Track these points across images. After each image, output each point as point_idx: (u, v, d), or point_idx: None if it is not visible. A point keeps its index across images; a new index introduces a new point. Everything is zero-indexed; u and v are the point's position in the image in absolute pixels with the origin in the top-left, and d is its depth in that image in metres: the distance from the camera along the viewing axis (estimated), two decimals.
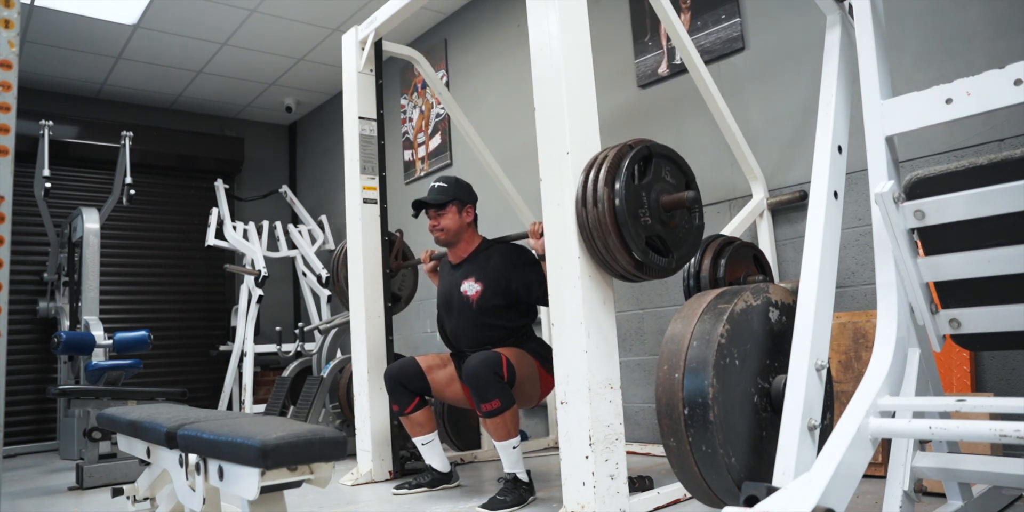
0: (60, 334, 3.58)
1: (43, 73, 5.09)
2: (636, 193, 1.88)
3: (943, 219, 1.42)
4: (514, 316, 2.56)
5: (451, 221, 2.60)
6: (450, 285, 2.66)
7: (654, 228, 1.92)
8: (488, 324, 2.53)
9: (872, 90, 1.58)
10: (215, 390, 5.48)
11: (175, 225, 5.85)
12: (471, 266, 2.62)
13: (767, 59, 2.92)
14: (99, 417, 1.99)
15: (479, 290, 2.54)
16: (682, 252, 2.01)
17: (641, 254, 1.86)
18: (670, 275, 2.02)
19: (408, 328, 4.79)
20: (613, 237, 1.84)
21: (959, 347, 1.75)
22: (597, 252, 1.90)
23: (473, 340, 2.57)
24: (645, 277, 1.96)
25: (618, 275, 1.96)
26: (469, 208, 2.65)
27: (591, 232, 1.87)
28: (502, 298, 2.52)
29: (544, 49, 2.06)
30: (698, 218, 2.07)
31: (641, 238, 1.87)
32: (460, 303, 2.59)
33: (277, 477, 1.20)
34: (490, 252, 2.62)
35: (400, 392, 2.54)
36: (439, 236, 2.63)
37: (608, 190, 1.84)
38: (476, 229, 2.71)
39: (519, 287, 2.50)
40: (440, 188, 2.62)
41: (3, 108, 1.23)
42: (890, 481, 1.44)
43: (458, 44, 4.57)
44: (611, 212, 1.84)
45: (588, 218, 1.87)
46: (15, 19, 1.25)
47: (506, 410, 2.27)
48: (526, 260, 2.56)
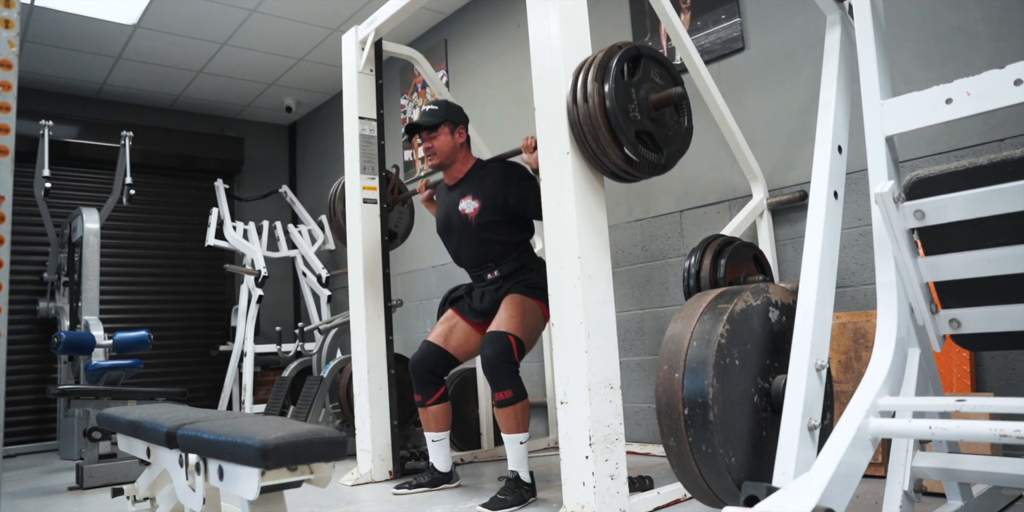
0: (60, 334, 3.58)
1: (43, 73, 5.09)
2: (626, 89, 1.93)
3: (943, 219, 1.42)
4: (513, 231, 2.57)
5: (444, 143, 2.61)
6: (448, 206, 2.67)
7: (644, 124, 1.97)
8: (488, 240, 2.56)
9: (872, 90, 1.58)
10: (215, 390, 5.48)
11: (175, 225, 5.85)
12: (467, 185, 2.63)
13: (767, 59, 2.92)
14: (99, 417, 1.99)
15: (477, 207, 2.55)
16: (672, 150, 2.05)
17: (631, 148, 1.91)
18: (660, 173, 2.06)
19: (408, 328, 4.79)
20: (603, 131, 1.89)
21: (959, 347, 1.75)
22: (588, 148, 1.94)
23: (476, 257, 2.60)
24: (636, 174, 1.99)
25: (610, 173, 2.00)
26: (461, 129, 2.66)
27: (582, 128, 1.92)
28: (500, 214, 2.53)
29: (544, 49, 2.06)
30: (687, 120, 2.12)
31: (631, 131, 1.91)
32: (459, 222, 2.60)
33: (277, 477, 1.20)
34: (485, 170, 2.64)
35: (428, 380, 2.57)
36: (433, 160, 2.64)
37: (598, 85, 1.89)
38: (469, 150, 2.72)
39: (515, 203, 2.52)
40: (431, 111, 2.63)
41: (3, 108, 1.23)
42: (890, 481, 1.44)
43: (458, 44, 4.57)
44: (601, 107, 1.88)
45: (579, 115, 1.91)
46: (15, 19, 1.25)
47: (518, 401, 2.32)
48: (521, 176, 2.57)
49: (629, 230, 3.41)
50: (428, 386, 2.58)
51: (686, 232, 3.17)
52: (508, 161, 2.67)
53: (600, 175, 2.02)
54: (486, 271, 2.60)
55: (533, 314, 2.48)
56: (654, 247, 3.30)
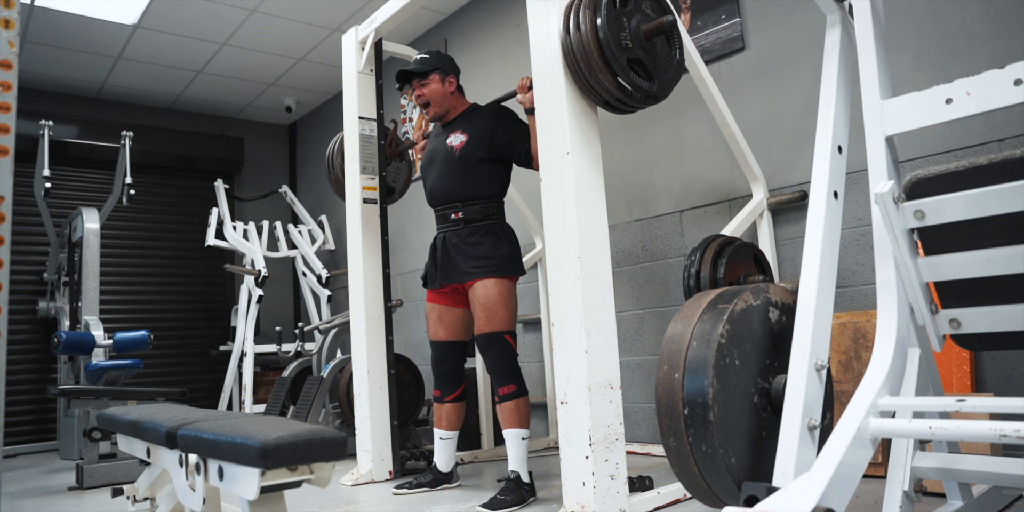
0: (60, 334, 3.58)
1: (43, 73, 5.09)
2: (617, 18, 1.97)
3: (943, 219, 1.42)
4: (493, 173, 2.58)
5: (435, 90, 2.66)
6: (436, 143, 2.72)
7: (635, 52, 2.00)
8: (465, 175, 2.56)
9: (872, 90, 1.58)
10: (215, 390, 5.48)
11: (175, 225, 5.85)
12: (458, 123, 2.69)
13: (767, 59, 2.92)
14: (99, 417, 1.99)
15: (463, 140, 2.59)
16: (664, 78, 2.08)
17: (623, 74, 1.93)
18: (652, 103, 2.08)
19: (408, 328, 4.80)
20: (596, 58, 1.92)
21: (959, 347, 1.75)
22: (581, 76, 1.97)
23: (447, 193, 2.59)
24: (629, 102, 2.01)
25: (603, 102, 2.03)
26: (452, 78, 2.70)
27: (575, 56, 1.95)
28: (485, 151, 2.56)
29: (544, 49, 2.06)
30: (678, 52, 2.14)
31: (623, 58, 1.94)
32: (444, 154, 2.63)
33: (277, 477, 1.20)
34: (478, 111, 2.70)
35: (450, 377, 2.63)
36: (429, 111, 2.70)
37: (590, 13, 1.93)
38: (462, 96, 2.76)
39: (502, 142, 2.55)
40: (422, 59, 2.68)
41: (3, 108, 1.23)
42: (890, 481, 1.44)
43: (458, 44, 4.57)
44: (593, 34, 1.91)
45: (572, 43, 1.95)
46: (15, 19, 1.25)
47: (520, 396, 2.39)
48: (512, 119, 2.62)
49: (629, 230, 3.41)
50: (449, 383, 2.63)
51: (686, 232, 3.17)
52: (501, 105, 2.70)
53: (594, 105, 2.05)
54: (452, 210, 2.58)
55: (510, 296, 2.51)
56: (654, 247, 3.30)
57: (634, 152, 3.42)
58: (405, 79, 2.70)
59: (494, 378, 2.44)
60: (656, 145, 3.32)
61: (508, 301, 2.49)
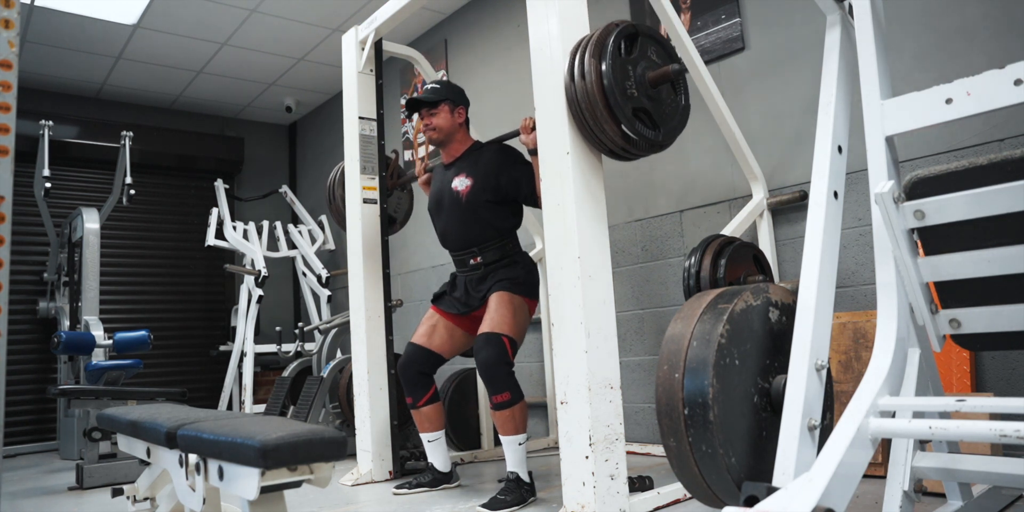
0: (60, 334, 3.58)
1: (43, 73, 5.09)
2: (623, 67, 1.94)
3: (943, 219, 1.42)
4: (503, 214, 2.58)
5: (443, 120, 2.64)
6: (441, 184, 2.70)
7: (641, 101, 1.97)
8: (477, 220, 2.56)
9: (872, 90, 1.58)
10: (215, 390, 5.48)
11: (175, 225, 5.85)
12: (463, 163, 2.66)
13: (767, 59, 2.92)
14: (99, 417, 1.99)
15: (469, 185, 2.57)
16: (669, 127, 2.05)
17: (628, 125, 1.90)
18: (658, 150, 2.06)
19: (408, 328, 4.80)
20: (601, 108, 1.89)
21: (959, 347, 1.75)
22: (586, 125, 1.94)
23: (461, 238, 2.60)
24: (633, 151, 1.99)
25: (608, 151, 2.00)
26: (461, 109, 2.69)
27: (579, 105, 1.92)
28: (491, 194, 2.54)
29: (544, 49, 2.06)
30: (684, 98, 2.12)
31: (628, 108, 1.92)
32: (451, 199, 2.62)
33: (277, 477, 1.20)
34: (482, 151, 2.67)
35: (417, 382, 2.58)
36: (431, 135, 2.67)
37: (595, 62, 1.90)
38: (468, 131, 2.75)
39: (508, 183, 2.54)
40: (433, 89, 2.66)
41: (3, 108, 1.23)
42: (890, 481, 1.44)
43: (458, 44, 4.57)
44: (598, 84, 1.88)
45: (576, 92, 1.92)
46: (15, 19, 1.25)
47: (515, 404, 2.32)
48: (517, 159, 2.60)
49: (629, 230, 3.41)
50: (417, 388, 2.58)
51: (686, 232, 3.17)
52: (505, 144, 2.69)
53: (598, 153, 2.03)
54: (469, 256, 2.60)
55: (521, 311, 2.49)
56: (654, 247, 3.30)
57: None
58: (414, 107, 2.67)
59: (487, 385, 2.35)
60: None
61: (517, 313, 2.46)
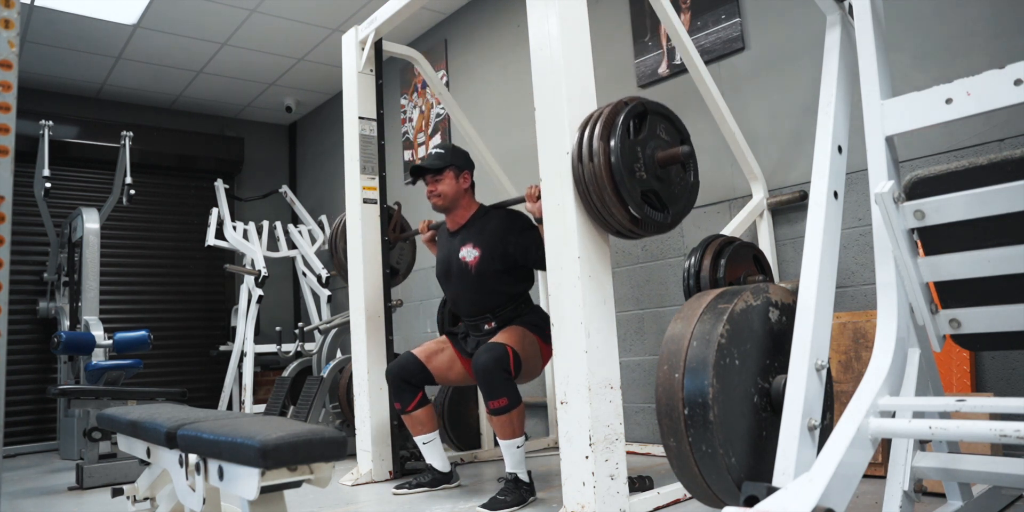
0: (60, 334, 3.58)
1: (43, 73, 5.09)
2: (631, 148, 1.91)
3: (943, 219, 1.42)
4: (513, 281, 2.57)
5: (448, 187, 2.61)
6: (448, 252, 2.67)
7: (649, 183, 1.94)
8: (487, 289, 2.55)
9: (872, 90, 1.58)
10: (215, 390, 5.48)
11: (175, 225, 5.85)
12: (469, 232, 2.63)
13: (767, 59, 2.92)
14: (99, 417, 1.99)
15: (477, 255, 2.54)
16: (678, 208, 2.03)
17: (637, 208, 1.88)
18: (666, 231, 2.04)
19: (408, 328, 4.79)
20: (609, 191, 1.86)
21: (959, 347, 1.75)
22: (593, 207, 1.92)
23: (473, 306, 2.58)
24: (641, 232, 1.97)
25: (615, 231, 1.98)
26: (466, 174, 2.66)
27: (587, 187, 1.89)
28: (500, 263, 2.52)
29: (544, 49, 2.06)
30: (693, 175, 2.09)
31: (637, 192, 1.89)
32: (459, 269, 2.59)
33: (277, 477, 1.20)
34: (487, 218, 2.64)
35: (403, 389, 2.55)
36: (436, 202, 2.63)
37: (603, 144, 1.87)
38: (473, 195, 2.71)
39: (516, 251, 2.51)
40: (437, 154, 2.63)
41: (3, 108, 1.23)
42: (890, 481, 1.44)
43: (458, 44, 4.57)
44: (607, 166, 1.86)
45: (584, 173, 1.89)
46: (15, 19, 1.25)
47: (513, 409, 2.29)
48: (523, 225, 2.57)
49: None
50: (404, 394, 2.56)
51: (686, 232, 3.17)
52: (511, 209, 2.66)
53: (605, 234, 1.99)
54: (483, 322, 2.58)
55: (531, 345, 2.46)
56: (654, 247, 3.30)
57: None
58: (419, 174, 2.64)
59: (484, 390, 2.30)
60: None
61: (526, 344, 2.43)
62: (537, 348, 2.50)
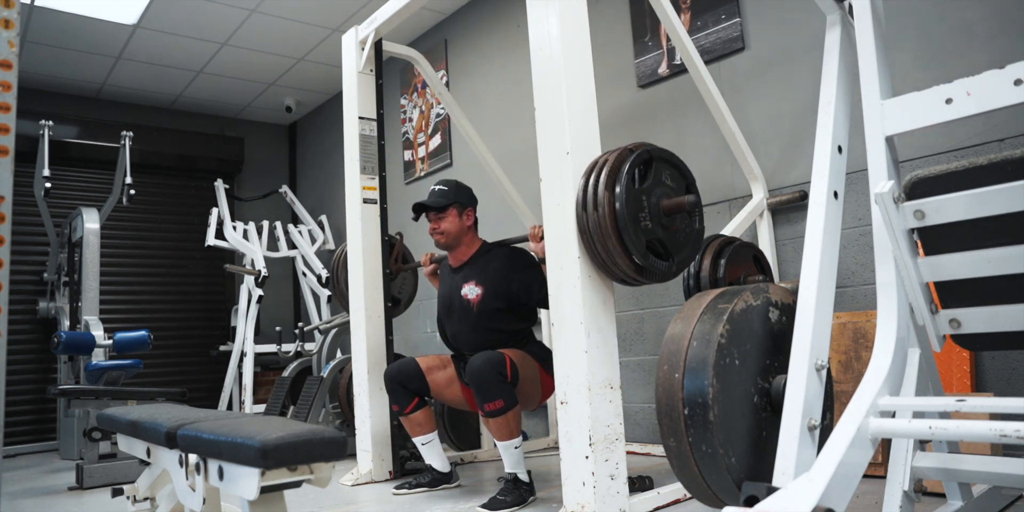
0: (60, 334, 3.58)
1: (43, 73, 5.09)
2: (636, 197, 1.88)
3: (943, 219, 1.42)
4: (515, 319, 2.56)
5: (451, 224, 2.60)
6: (451, 288, 2.66)
7: (654, 232, 1.92)
8: (489, 327, 2.54)
9: (872, 90, 1.58)
10: (215, 390, 5.48)
11: (175, 225, 5.85)
12: (471, 270, 2.62)
13: (767, 59, 2.92)
14: (99, 417, 1.99)
15: (480, 293, 2.54)
16: (682, 256, 2.01)
17: (641, 258, 1.86)
18: (670, 279, 2.02)
19: (408, 328, 4.79)
20: (614, 241, 1.84)
21: (959, 347, 1.75)
22: (597, 256, 1.90)
23: (474, 343, 2.56)
24: (645, 281, 1.96)
25: (618, 279, 1.96)
26: (469, 211, 2.65)
27: (591, 236, 1.87)
28: (503, 301, 2.52)
29: (544, 49, 2.06)
30: (698, 222, 2.07)
31: (641, 242, 1.87)
32: (461, 307, 2.59)
33: (277, 477, 1.20)
34: (490, 256, 2.62)
35: (399, 392, 2.54)
36: (439, 239, 2.63)
37: (608, 194, 1.84)
38: (476, 233, 2.71)
39: (519, 290, 2.50)
40: (440, 191, 2.62)
41: (3, 108, 1.23)
42: (890, 481, 1.44)
43: (458, 44, 4.57)
44: (611, 216, 1.83)
45: (588, 222, 1.87)
46: (15, 19, 1.25)
47: (509, 410, 2.27)
48: (526, 263, 2.56)
49: None
50: (401, 397, 2.55)
51: None
52: (513, 247, 2.65)
53: (610, 282, 1.98)
54: None
55: (531, 367, 2.45)
56: None
57: None
58: (421, 211, 2.63)
59: (478, 393, 2.27)
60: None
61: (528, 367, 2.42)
62: (537, 375, 2.48)
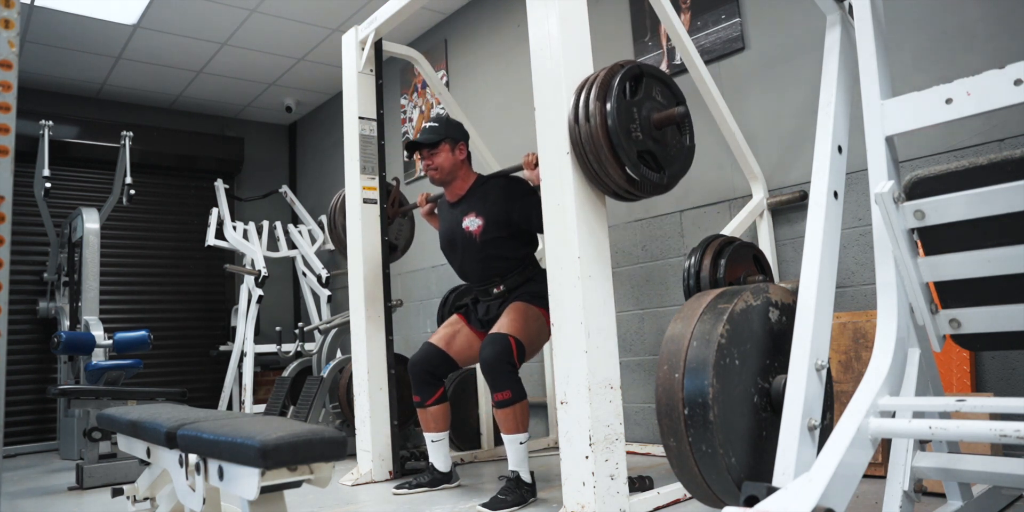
0: (60, 334, 3.58)
1: (43, 73, 5.09)
2: (627, 109, 1.92)
3: (943, 219, 1.42)
4: (518, 246, 2.58)
5: (444, 159, 2.62)
6: (451, 223, 2.67)
7: (645, 144, 1.95)
8: (493, 256, 2.56)
9: (872, 90, 1.58)
10: (215, 390, 5.48)
11: (175, 225, 5.85)
12: (470, 202, 2.64)
13: (767, 59, 2.92)
14: (99, 417, 1.99)
15: (481, 224, 2.55)
16: (674, 169, 2.04)
17: (633, 168, 1.89)
18: (662, 192, 2.05)
19: (408, 328, 4.79)
20: (605, 151, 1.87)
21: (959, 347, 1.75)
22: (590, 168, 1.93)
23: (480, 273, 2.60)
24: (637, 193, 1.98)
25: (611, 192, 1.99)
26: (462, 145, 2.67)
27: (583, 147, 1.91)
28: (504, 230, 2.54)
29: (544, 49, 2.06)
30: (689, 138, 2.11)
31: (633, 152, 1.90)
32: (463, 239, 2.60)
33: (277, 477, 1.20)
34: (487, 187, 2.64)
35: (428, 382, 2.58)
36: (434, 175, 2.64)
37: (600, 105, 1.88)
38: (470, 166, 2.72)
39: (519, 218, 2.53)
40: (431, 128, 2.64)
41: (3, 108, 1.23)
42: (890, 481, 1.44)
43: (458, 44, 4.57)
44: (603, 127, 1.87)
45: (580, 134, 1.90)
46: (15, 19, 1.25)
47: (516, 402, 2.32)
48: (524, 191, 2.58)
49: (629, 230, 3.41)
50: (427, 387, 2.58)
51: (686, 232, 3.17)
52: (510, 176, 2.66)
53: (602, 195, 2.01)
54: (492, 286, 2.60)
55: (536, 321, 2.47)
56: (654, 247, 3.30)
57: None
58: (414, 149, 2.65)
59: (489, 382, 2.35)
60: None
61: (531, 321, 2.44)
62: (542, 322, 2.49)
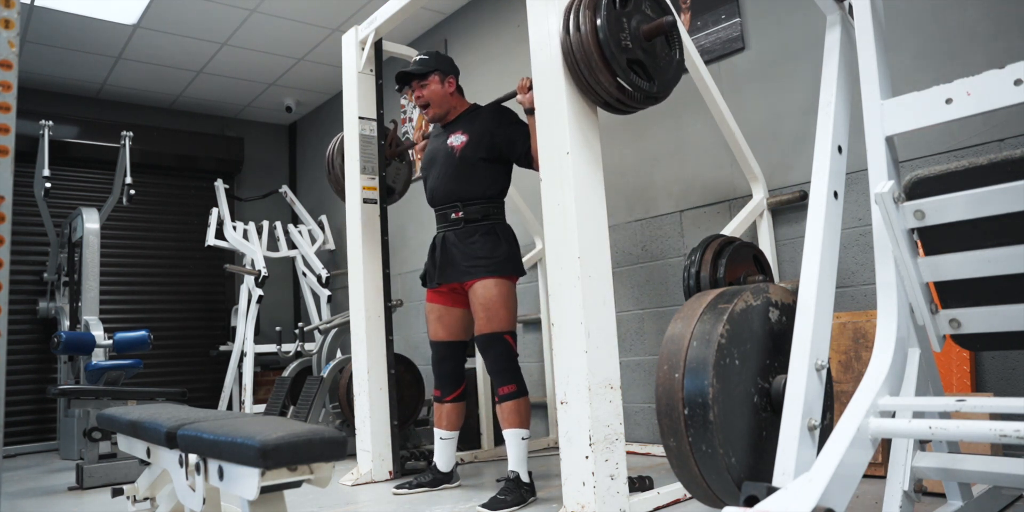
0: (60, 334, 3.58)
1: (43, 73, 5.09)
2: (617, 19, 1.97)
3: (943, 219, 1.42)
4: (494, 174, 2.59)
5: (434, 91, 2.66)
6: (437, 142, 2.72)
7: (635, 53, 2.00)
8: (467, 176, 2.56)
9: (872, 90, 1.58)
10: (215, 390, 5.48)
11: (175, 225, 5.85)
12: (458, 123, 2.69)
13: (767, 59, 2.92)
14: (99, 417, 1.99)
15: (464, 141, 2.59)
16: (664, 79, 2.08)
17: (623, 75, 1.93)
18: (653, 103, 2.08)
19: (408, 328, 4.80)
20: (596, 59, 1.92)
21: (959, 347, 1.75)
22: (581, 77, 1.97)
23: (448, 193, 2.59)
24: (629, 102, 2.01)
25: (603, 103, 2.03)
26: (451, 78, 2.70)
27: (575, 56, 1.95)
28: (485, 151, 2.56)
29: (544, 49, 2.06)
30: (678, 53, 2.14)
31: (623, 59, 1.95)
32: (444, 155, 2.63)
33: (277, 477, 1.20)
34: (479, 110, 2.70)
35: (451, 375, 2.64)
36: (428, 112, 2.70)
37: (590, 13, 1.94)
38: (462, 97, 2.76)
39: (503, 142, 2.56)
40: (421, 60, 2.69)
41: (3, 108, 1.23)
42: (890, 481, 1.44)
43: (458, 44, 4.57)
44: (593, 34, 1.92)
45: (572, 44, 1.95)
46: (15, 19, 1.25)
47: (519, 397, 2.40)
48: (512, 119, 2.63)
49: (629, 230, 3.41)
50: (450, 382, 2.63)
51: (686, 232, 3.17)
52: (502, 105, 2.71)
53: (593, 105, 2.05)
54: (452, 210, 2.59)
55: (510, 296, 2.52)
56: (654, 247, 3.30)
57: (634, 152, 3.42)
58: (404, 80, 2.70)
59: (494, 378, 2.44)
60: (656, 145, 3.32)
61: (508, 301, 2.49)
62: (513, 290, 2.53)
